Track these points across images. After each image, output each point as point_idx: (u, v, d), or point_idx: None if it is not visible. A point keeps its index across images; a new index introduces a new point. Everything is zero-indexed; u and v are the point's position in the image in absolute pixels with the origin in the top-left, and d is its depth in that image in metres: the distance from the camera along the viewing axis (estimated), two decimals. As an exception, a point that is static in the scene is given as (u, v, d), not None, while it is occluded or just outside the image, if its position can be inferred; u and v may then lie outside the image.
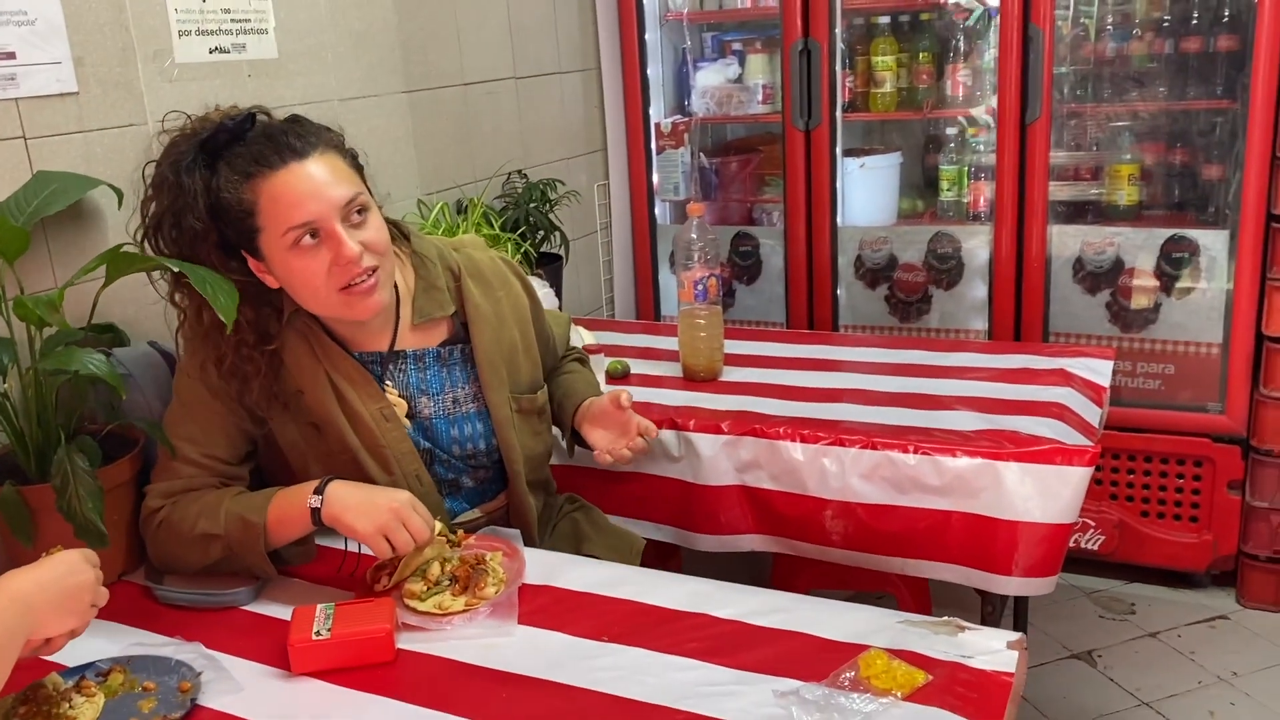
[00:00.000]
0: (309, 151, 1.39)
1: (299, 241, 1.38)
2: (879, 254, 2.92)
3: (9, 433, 1.46)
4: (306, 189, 1.37)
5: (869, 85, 2.98)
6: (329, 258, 1.39)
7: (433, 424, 1.59)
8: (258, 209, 1.38)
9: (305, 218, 1.37)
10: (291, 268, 1.40)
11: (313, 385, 1.51)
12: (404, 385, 1.57)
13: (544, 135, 2.87)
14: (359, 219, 1.42)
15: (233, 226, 1.40)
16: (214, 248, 1.41)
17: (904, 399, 2.08)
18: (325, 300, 1.43)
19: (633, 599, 1.38)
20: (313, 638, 1.26)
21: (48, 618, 1.07)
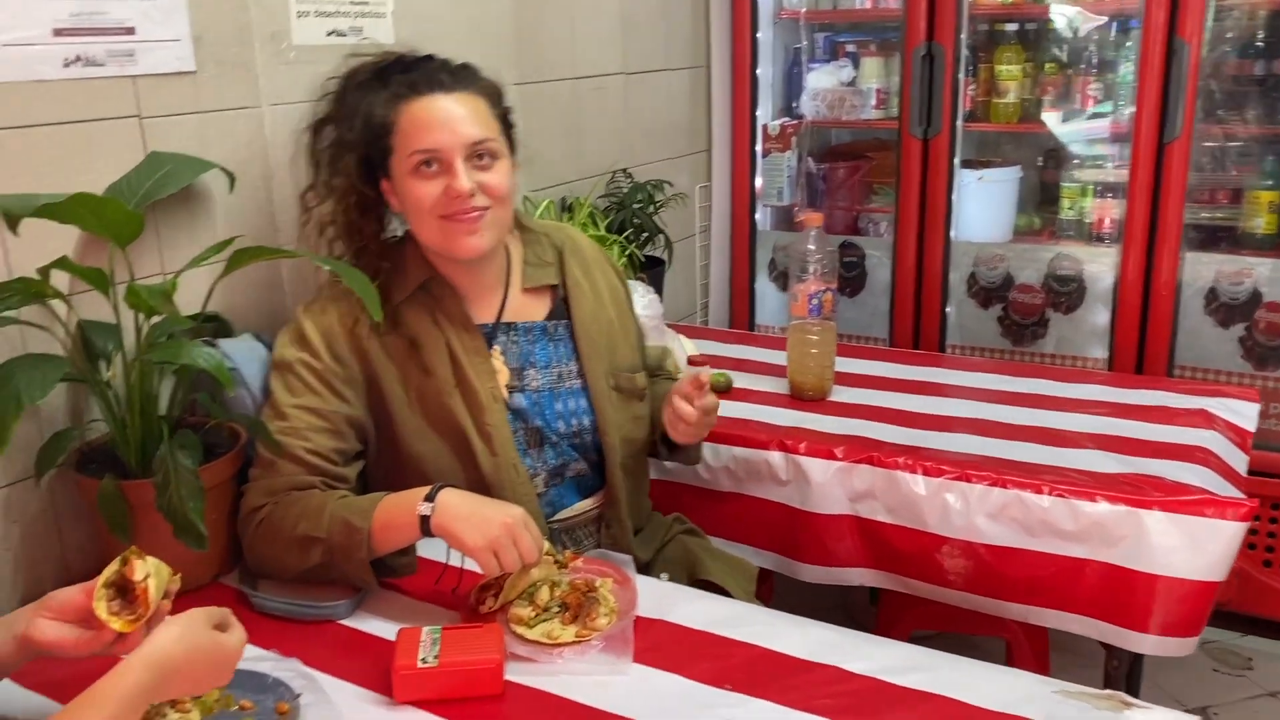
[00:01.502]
0: (455, 89, 1.45)
1: (419, 167, 1.44)
2: (994, 272, 2.77)
3: (111, 423, 1.41)
4: (439, 119, 1.43)
5: (990, 94, 2.84)
6: (442, 187, 1.43)
7: (541, 397, 1.56)
8: (395, 129, 1.44)
9: (430, 144, 1.42)
10: (409, 189, 1.45)
11: (432, 353, 1.49)
12: (514, 357, 1.56)
13: (649, 134, 2.78)
14: (483, 163, 1.45)
15: (374, 144, 1.47)
16: (358, 160, 1.48)
17: (1026, 432, 1.95)
18: (429, 226, 1.46)
19: (754, 642, 1.28)
20: (418, 665, 1.19)
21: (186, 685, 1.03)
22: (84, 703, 0.92)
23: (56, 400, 1.47)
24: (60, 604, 1.06)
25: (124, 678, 0.95)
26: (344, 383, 1.47)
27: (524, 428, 1.56)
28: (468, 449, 1.50)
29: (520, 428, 1.55)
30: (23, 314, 1.35)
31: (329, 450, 1.46)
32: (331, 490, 1.44)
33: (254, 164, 1.69)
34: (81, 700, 0.93)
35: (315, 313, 1.49)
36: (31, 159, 1.39)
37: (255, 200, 1.71)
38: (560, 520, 1.58)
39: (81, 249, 1.46)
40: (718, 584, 1.62)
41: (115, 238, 1.31)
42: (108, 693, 0.94)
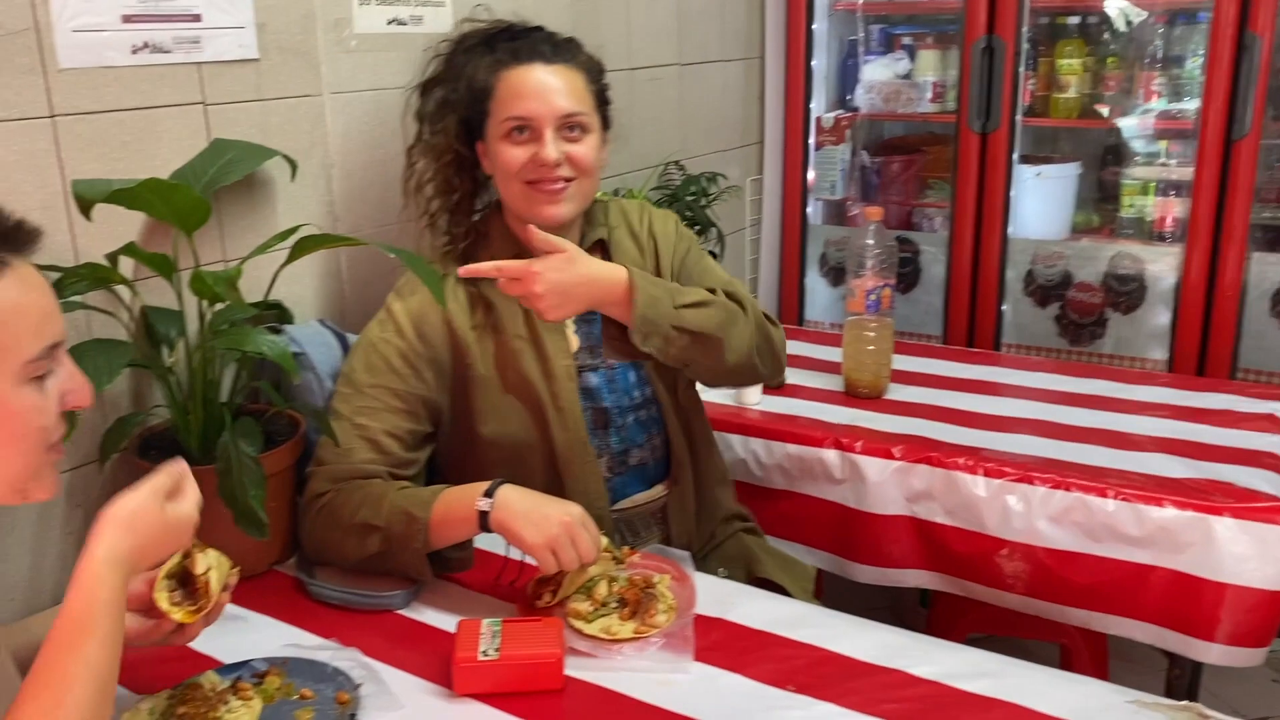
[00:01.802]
0: (555, 60, 1.49)
1: (511, 132, 1.47)
2: (1053, 270, 2.72)
3: (173, 409, 1.41)
4: (534, 88, 1.46)
5: (1051, 89, 2.78)
6: (530, 153, 1.46)
7: (615, 373, 1.57)
8: (493, 94, 1.49)
9: (523, 112, 1.46)
10: (499, 152, 1.49)
11: (513, 326, 1.51)
12: (586, 333, 1.57)
13: (702, 125, 2.75)
14: (573, 135, 1.48)
15: (474, 107, 1.51)
16: (458, 121, 1.53)
17: (1087, 434, 1.92)
18: (513, 190, 1.50)
19: (817, 644, 1.26)
20: (479, 657, 1.18)
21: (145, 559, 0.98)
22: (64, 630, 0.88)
23: (120, 385, 1.48)
24: None
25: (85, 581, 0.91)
26: (426, 364, 1.48)
27: (592, 408, 1.56)
28: (544, 420, 1.51)
29: (589, 407, 1.55)
30: (89, 299, 1.36)
31: (403, 431, 1.46)
32: (396, 479, 1.44)
33: (314, 152, 1.69)
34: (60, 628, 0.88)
35: (405, 294, 1.51)
36: (99, 144, 1.40)
37: (315, 189, 1.71)
38: (620, 510, 1.57)
39: (145, 235, 1.47)
40: (775, 583, 1.60)
41: (182, 224, 1.32)
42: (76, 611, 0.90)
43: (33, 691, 0.83)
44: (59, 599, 1.41)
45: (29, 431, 0.85)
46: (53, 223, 1.36)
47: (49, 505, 1.41)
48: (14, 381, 0.83)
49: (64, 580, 1.42)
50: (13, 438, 0.85)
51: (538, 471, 1.51)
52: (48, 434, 0.88)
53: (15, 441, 0.85)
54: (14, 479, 0.86)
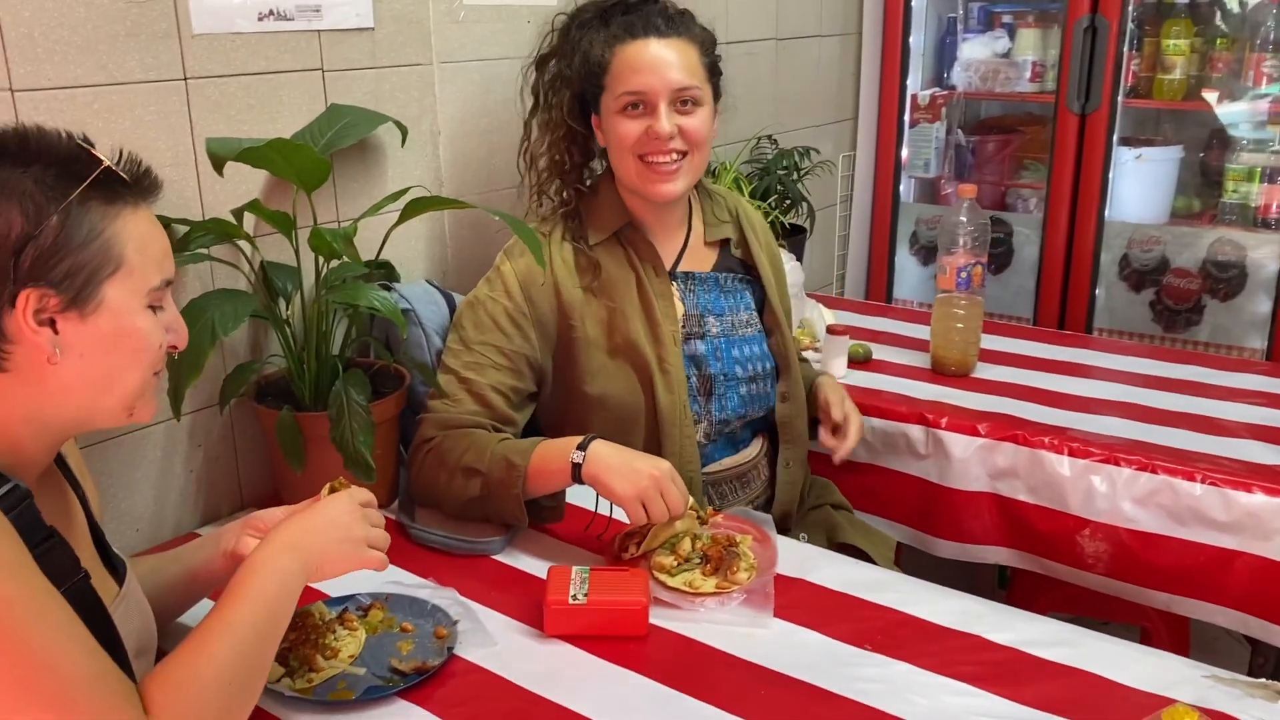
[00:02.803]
0: (669, 34, 1.51)
1: (627, 107, 1.51)
2: (1149, 254, 2.68)
3: (289, 359, 1.50)
4: (649, 62, 1.49)
5: (1155, 70, 2.73)
6: (644, 127, 1.50)
7: (720, 343, 1.62)
8: (608, 69, 1.52)
9: (638, 86, 1.49)
10: (614, 126, 1.53)
11: (624, 291, 1.56)
12: (694, 304, 1.62)
13: (797, 100, 2.77)
14: (687, 109, 1.52)
15: (589, 81, 1.54)
16: (573, 96, 1.57)
17: (1177, 419, 1.90)
18: (626, 165, 1.54)
19: (895, 607, 1.30)
20: (569, 601, 1.24)
21: (323, 563, 1.06)
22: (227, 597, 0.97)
23: (240, 335, 1.57)
24: (266, 523, 1.14)
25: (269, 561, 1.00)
26: (532, 324, 1.54)
27: (698, 374, 1.61)
28: (650, 383, 1.56)
29: (694, 374, 1.60)
30: (214, 251, 1.45)
31: (507, 388, 1.53)
32: (498, 432, 1.51)
33: (424, 119, 1.76)
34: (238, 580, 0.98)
35: (515, 254, 1.56)
36: (226, 107, 1.49)
37: (423, 155, 1.78)
38: (709, 473, 1.62)
39: (266, 193, 1.55)
40: (857, 548, 1.64)
41: (303, 183, 1.39)
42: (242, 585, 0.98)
43: (184, 642, 0.92)
44: (180, 532, 1.52)
45: (150, 348, 0.93)
46: (182, 179, 1.45)
47: (173, 443, 1.51)
48: (141, 303, 0.92)
49: (184, 514, 1.54)
50: (136, 353, 0.93)
51: (640, 432, 1.56)
52: (159, 358, 0.96)
53: (138, 356, 0.93)
54: (128, 395, 0.94)
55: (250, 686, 0.96)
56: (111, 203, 0.88)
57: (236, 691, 0.93)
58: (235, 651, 0.93)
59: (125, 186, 0.90)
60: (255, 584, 0.99)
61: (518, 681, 1.17)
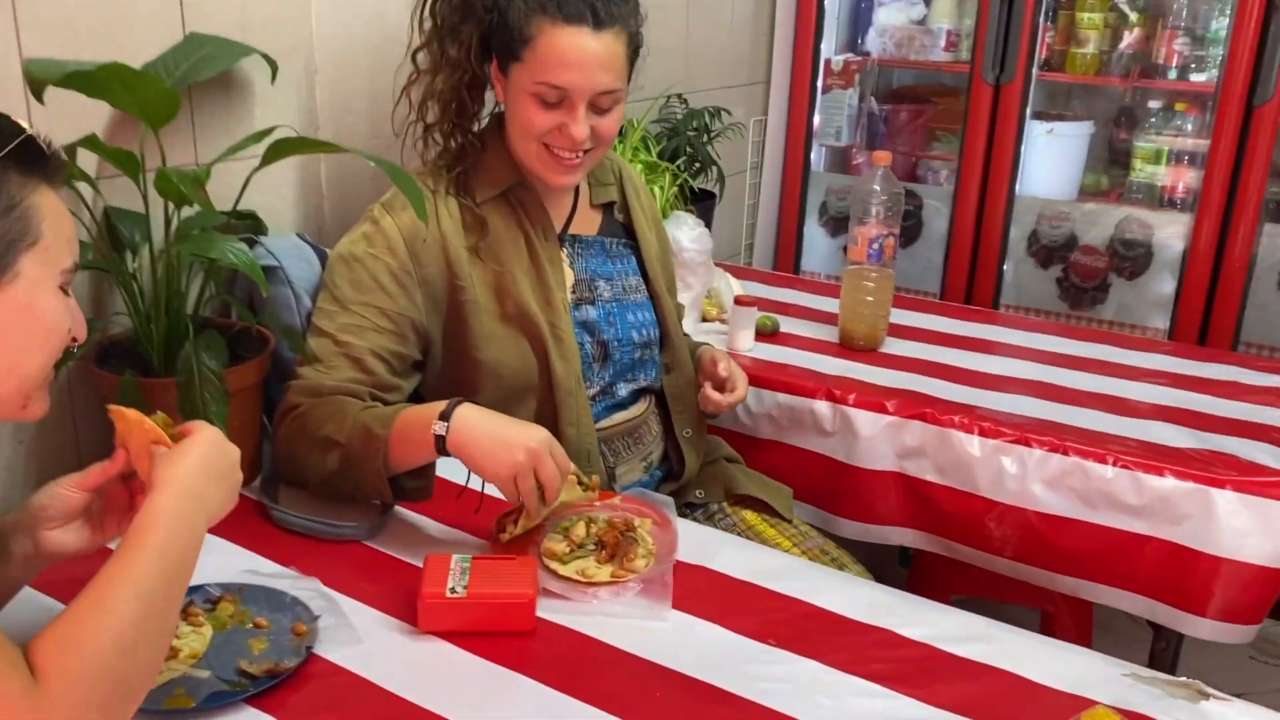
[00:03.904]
0: (607, 25, 1.35)
1: (543, 96, 1.37)
2: (1058, 231, 2.65)
3: (135, 318, 1.33)
4: (577, 59, 1.34)
5: (1069, 43, 2.70)
6: (557, 122, 1.38)
7: (613, 308, 1.54)
8: (531, 45, 1.36)
9: (560, 83, 1.36)
10: (522, 109, 1.40)
11: (514, 254, 1.45)
12: (583, 268, 1.53)
13: (708, 60, 2.65)
14: (604, 108, 1.40)
15: (501, 38, 1.39)
16: (477, 34, 1.41)
17: (1087, 398, 1.86)
18: (526, 146, 1.42)
19: (801, 598, 1.20)
20: (446, 594, 1.11)
21: (218, 508, 0.95)
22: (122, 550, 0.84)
23: (79, 290, 1.39)
24: (63, 507, 0.99)
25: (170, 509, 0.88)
26: (418, 284, 1.40)
27: (591, 340, 1.51)
28: (543, 351, 1.45)
29: (587, 340, 1.50)
30: (47, 194, 1.27)
31: (389, 353, 1.39)
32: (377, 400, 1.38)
33: (297, 55, 1.59)
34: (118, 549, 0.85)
35: (397, 208, 1.41)
36: (62, 29, 1.30)
37: (297, 95, 1.61)
38: (602, 429, 1.52)
39: (111, 130, 1.37)
40: (756, 499, 1.59)
41: (149, 118, 1.22)
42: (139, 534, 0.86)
43: (81, 594, 0.81)
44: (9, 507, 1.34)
45: (60, 330, 0.87)
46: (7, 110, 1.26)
47: (-1, 412, 1.33)
48: (54, 282, 0.86)
49: (13, 491, 1.36)
50: (47, 334, 0.86)
51: (533, 402, 1.45)
52: (62, 346, 0.89)
53: (48, 338, 0.86)
54: (27, 380, 0.86)
55: (155, 651, 0.84)
56: (28, 175, 0.83)
57: (140, 654, 0.81)
58: (139, 610, 0.81)
59: (42, 160, 0.84)
60: (159, 535, 0.86)
61: (385, 685, 1.04)
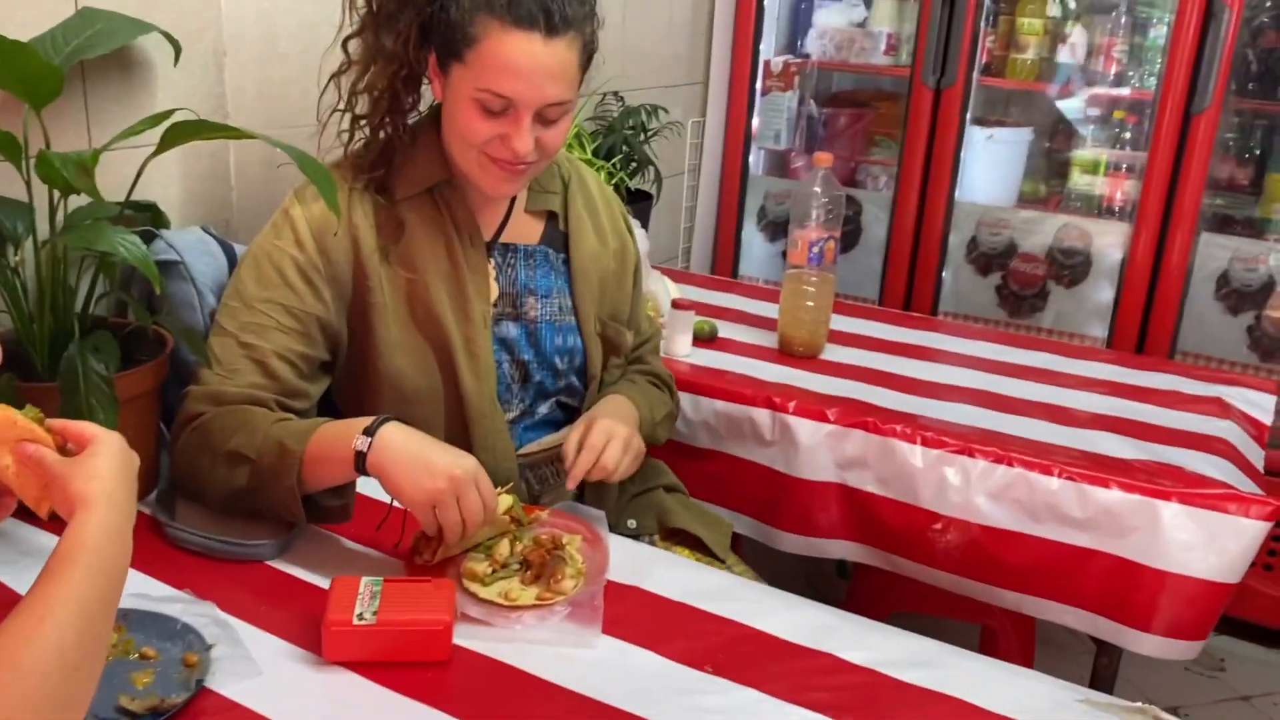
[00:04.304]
0: (559, 31, 1.21)
1: (485, 103, 1.24)
2: (998, 238, 2.63)
3: (16, 317, 1.22)
4: (525, 69, 1.21)
5: (1009, 49, 2.67)
6: (498, 132, 1.25)
7: (538, 329, 1.42)
8: (475, 47, 1.22)
9: (505, 92, 1.22)
10: (462, 112, 1.26)
11: (430, 259, 1.33)
12: (510, 281, 1.41)
13: (645, 58, 2.58)
14: (552, 118, 1.27)
15: (442, 34, 1.25)
16: (417, 24, 1.26)
17: (1030, 408, 1.82)
18: (465, 154, 1.30)
19: (739, 619, 1.13)
20: (354, 621, 1.02)
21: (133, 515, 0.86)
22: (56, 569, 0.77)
23: (-46, 285, 1.27)
24: None
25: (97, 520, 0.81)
26: (326, 281, 1.30)
27: (510, 359, 1.40)
28: (452, 366, 1.34)
29: (506, 359, 1.40)
30: (-86, 180, 1.15)
31: (295, 355, 1.28)
32: (284, 409, 1.27)
33: (205, 36, 1.48)
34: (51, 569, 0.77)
35: (308, 198, 1.30)
36: (-64, -1, 1.19)
37: (204, 79, 1.50)
38: (525, 455, 1.42)
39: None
40: (691, 534, 1.48)
41: (29, 97, 1.12)
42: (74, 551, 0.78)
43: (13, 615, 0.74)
44: None
45: None
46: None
47: None
48: None
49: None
50: None
51: (439, 420, 1.35)
52: None
53: None
54: None
55: (95, 674, 0.77)
56: None
57: (83, 677, 0.75)
58: (81, 631, 0.75)
59: None
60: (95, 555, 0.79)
61: (284, 722, 0.94)
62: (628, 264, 1.53)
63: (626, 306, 1.53)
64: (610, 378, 1.50)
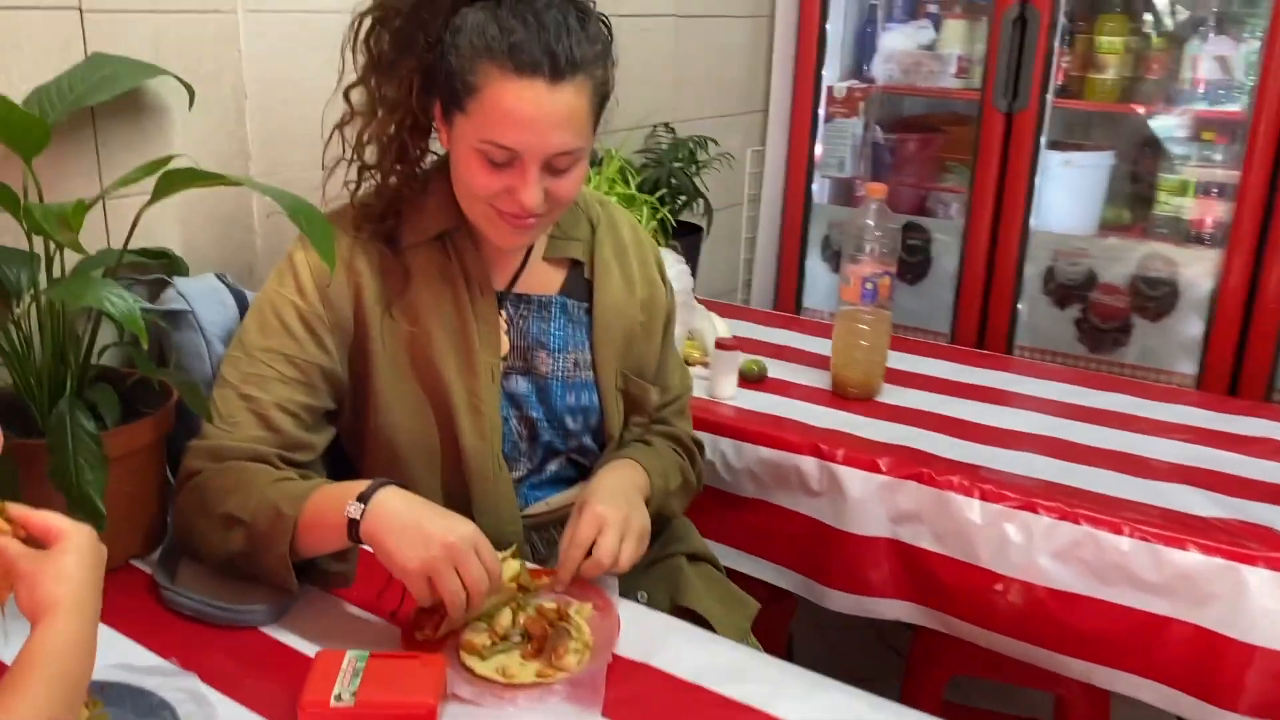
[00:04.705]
0: (566, 75, 1.12)
1: (489, 155, 1.16)
2: (1076, 268, 2.47)
3: (16, 369, 1.19)
4: (529, 117, 1.13)
5: (1087, 69, 2.52)
6: (505, 185, 1.17)
7: (549, 385, 1.33)
8: (476, 96, 1.14)
9: (509, 143, 1.14)
10: (466, 164, 1.19)
11: (436, 308, 1.26)
12: (520, 333, 1.33)
13: (699, 86, 2.51)
14: (562, 167, 1.18)
15: (444, 82, 1.17)
16: (418, 71, 1.19)
17: (1104, 457, 1.67)
18: (472, 207, 1.23)
19: (756, 705, 1.02)
20: (331, 702, 0.95)
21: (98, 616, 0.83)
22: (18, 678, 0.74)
23: (-41, 337, 1.25)
24: None
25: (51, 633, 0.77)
26: (329, 329, 1.24)
27: (518, 416, 1.32)
28: (451, 422, 1.27)
29: (514, 415, 1.32)
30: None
31: (297, 406, 1.23)
32: (288, 463, 1.22)
33: (223, 78, 1.46)
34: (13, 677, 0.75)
35: (311, 246, 1.21)
36: (-60, 49, 1.17)
37: (224, 122, 1.48)
38: (532, 515, 1.34)
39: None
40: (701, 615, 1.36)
41: (17, 147, 1.09)
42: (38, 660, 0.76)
43: None
44: None
45: None
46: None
47: None
48: None
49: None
50: None
51: (435, 479, 1.28)
52: None
53: None
54: None
55: None
56: None
57: None
58: None
59: None
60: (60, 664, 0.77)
61: (248, 814, 0.88)
62: (656, 315, 1.43)
63: (653, 361, 1.43)
64: (630, 436, 1.42)
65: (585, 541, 1.18)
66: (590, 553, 1.18)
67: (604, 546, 1.17)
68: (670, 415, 1.49)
